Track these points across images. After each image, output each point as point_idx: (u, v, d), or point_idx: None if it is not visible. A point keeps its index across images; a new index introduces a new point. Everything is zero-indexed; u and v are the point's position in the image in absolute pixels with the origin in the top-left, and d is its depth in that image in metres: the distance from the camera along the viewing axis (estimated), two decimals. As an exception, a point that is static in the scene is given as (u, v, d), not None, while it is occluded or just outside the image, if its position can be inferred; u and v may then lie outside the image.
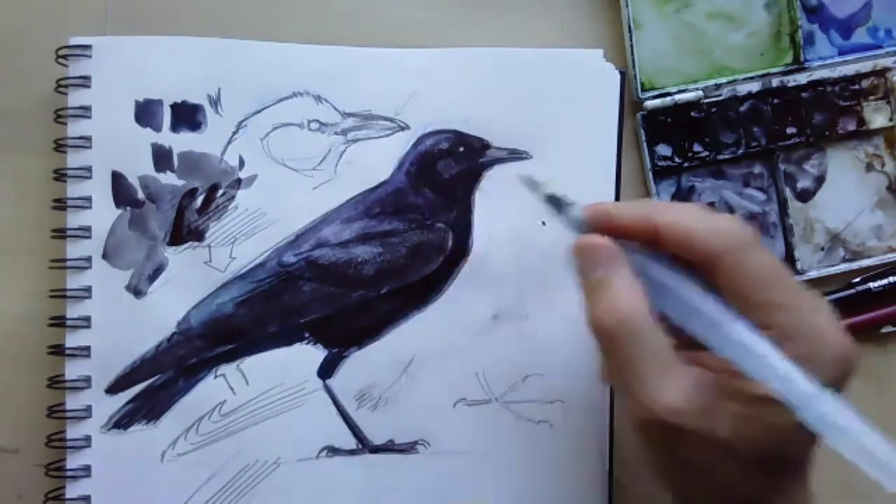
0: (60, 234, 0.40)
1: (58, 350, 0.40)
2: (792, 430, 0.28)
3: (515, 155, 0.42)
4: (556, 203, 0.33)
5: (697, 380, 0.30)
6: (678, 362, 0.30)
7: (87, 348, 0.40)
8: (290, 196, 0.41)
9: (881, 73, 0.44)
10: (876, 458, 0.27)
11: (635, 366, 0.30)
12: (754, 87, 0.43)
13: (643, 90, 0.43)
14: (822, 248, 0.44)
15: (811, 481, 0.32)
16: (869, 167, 0.45)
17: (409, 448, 0.41)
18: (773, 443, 0.30)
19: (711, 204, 0.44)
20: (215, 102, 0.41)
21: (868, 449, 0.28)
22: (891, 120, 0.44)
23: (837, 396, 0.28)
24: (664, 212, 0.32)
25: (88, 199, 0.41)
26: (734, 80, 0.43)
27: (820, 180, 0.44)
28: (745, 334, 0.29)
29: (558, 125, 0.42)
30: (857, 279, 0.44)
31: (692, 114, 0.43)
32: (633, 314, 0.30)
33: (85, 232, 0.40)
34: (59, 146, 0.41)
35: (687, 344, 0.31)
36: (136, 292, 0.41)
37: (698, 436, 0.29)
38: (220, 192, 0.41)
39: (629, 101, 0.43)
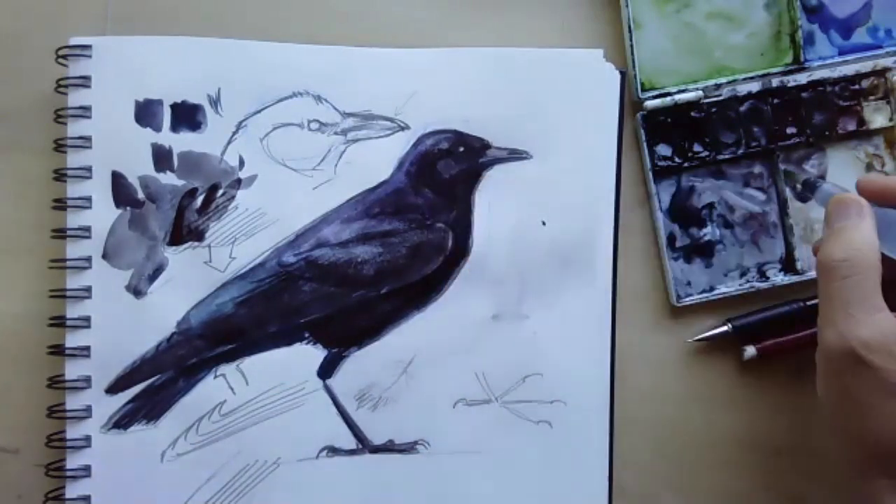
0: (60, 234, 0.40)
1: (58, 350, 0.40)
2: None
3: (515, 155, 0.42)
4: (810, 185, 0.40)
5: (894, 326, 0.33)
6: (883, 307, 0.33)
7: (87, 348, 0.40)
8: (290, 196, 0.41)
9: (881, 73, 0.44)
10: None
11: (847, 298, 0.34)
12: (754, 87, 0.43)
13: (643, 90, 0.43)
14: (822, 248, 0.44)
15: None
16: (869, 167, 0.44)
17: (409, 448, 0.41)
18: None
19: (710, 204, 0.44)
20: (215, 102, 0.41)
21: None
22: (891, 120, 0.44)
23: None
24: None
25: (88, 199, 0.41)
26: (734, 80, 0.43)
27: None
28: None
29: (558, 125, 0.42)
30: (857, 279, 0.44)
31: (692, 114, 0.43)
32: (862, 254, 0.34)
33: (85, 232, 0.40)
34: (59, 146, 0.41)
35: (892, 303, 0.34)
36: (136, 292, 0.41)
37: (878, 375, 0.32)
38: (220, 192, 0.41)
39: (629, 101, 0.43)
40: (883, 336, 0.33)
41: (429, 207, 0.42)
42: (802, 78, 0.43)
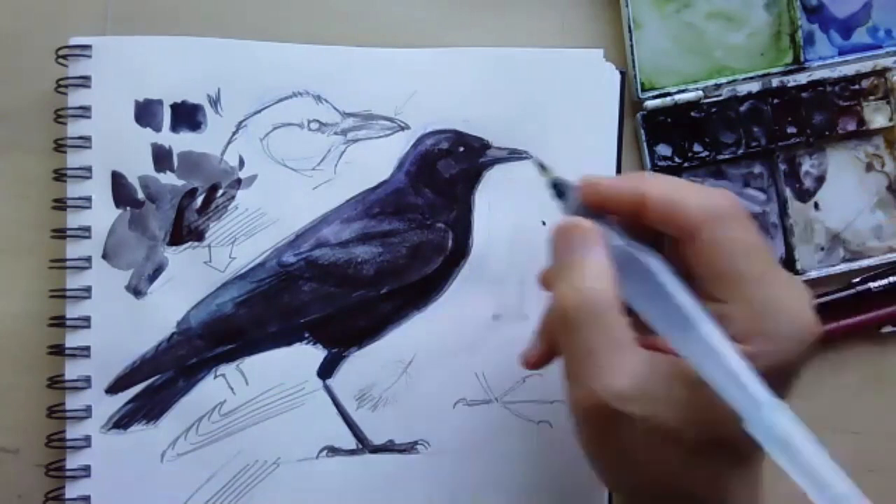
0: (60, 234, 0.40)
1: (58, 350, 0.40)
2: (739, 420, 0.27)
3: (515, 155, 0.42)
4: (560, 188, 0.34)
5: (649, 365, 0.29)
6: (633, 347, 0.29)
7: (87, 348, 0.40)
8: (290, 196, 0.41)
9: (881, 73, 0.44)
10: (818, 479, 0.26)
11: (590, 350, 0.29)
12: (754, 87, 0.43)
13: (643, 90, 0.43)
14: (822, 248, 0.44)
15: (760, 481, 0.31)
16: (869, 167, 0.45)
17: (409, 448, 0.41)
18: (719, 431, 0.29)
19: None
20: (215, 102, 0.41)
21: (810, 467, 0.26)
22: (891, 120, 0.44)
23: (784, 408, 0.27)
24: (653, 182, 0.32)
25: (88, 199, 0.41)
26: (734, 80, 0.43)
27: (820, 180, 0.44)
28: (705, 330, 0.28)
29: (558, 125, 0.42)
30: (857, 279, 0.44)
31: (692, 114, 0.43)
32: (597, 297, 0.29)
33: (85, 232, 0.40)
34: (59, 146, 0.41)
35: (645, 326, 0.30)
36: (136, 292, 0.41)
37: (645, 423, 0.28)
38: (220, 192, 0.41)
39: (629, 101, 0.43)
40: (637, 380, 0.28)
41: (429, 207, 0.42)
42: (802, 78, 0.43)
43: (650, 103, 0.43)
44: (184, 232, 0.41)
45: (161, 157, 0.41)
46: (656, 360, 0.29)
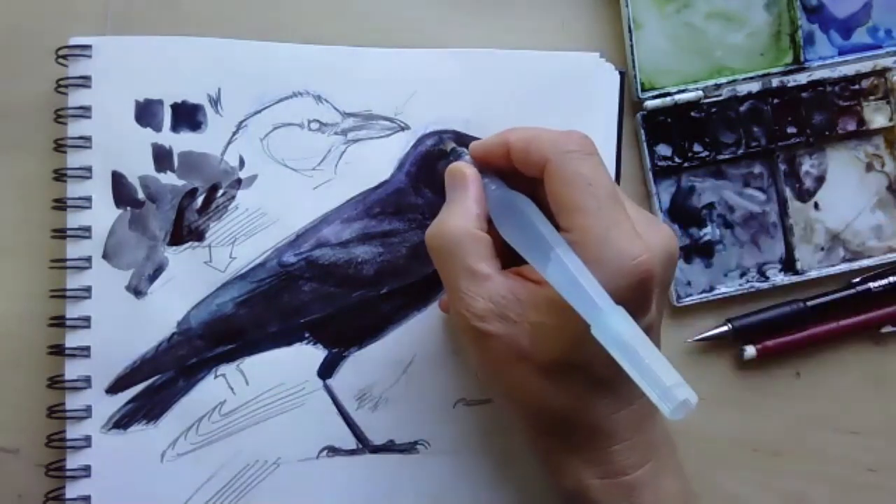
0: (60, 234, 0.40)
1: (58, 350, 0.40)
2: (588, 340, 0.29)
3: (515, 155, 0.42)
4: (456, 152, 0.38)
5: (508, 291, 0.32)
6: (490, 272, 0.33)
7: (87, 348, 0.40)
8: (290, 196, 0.41)
9: (881, 73, 0.44)
10: (651, 375, 0.28)
11: (455, 274, 0.33)
12: (754, 87, 0.43)
13: (643, 90, 0.43)
14: (822, 248, 0.44)
15: (647, 414, 0.34)
16: (869, 167, 0.45)
17: (409, 448, 0.41)
18: (568, 353, 0.31)
19: (710, 204, 0.44)
20: (215, 102, 0.41)
21: (643, 364, 0.28)
22: (891, 120, 0.44)
23: (622, 312, 0.29)
24: (516, 130, 0.35)
25: (88, 199, 0.41)
26: (734, 80, 0.43)
27: (820, 180, 0.44)
28: (558, 251, 0.30)
29: (558, 125, 0.42)
30: (857, 279, 0.44)
31: (692, 114, 0.43)
32: (454, 232, 0.33)
33: (85, 232, 0.40)
34: (59, 146, 0.41)
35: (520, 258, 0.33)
36: (136, 292, 0.41)
37: (503, 342, 0.32)
38: (221, 192, 0.41)
39: (629, 101, 0.43)
40: (493, 303, 0.32)
41: (429, 207, 0.42)
42: (802, 78, 0.43)
43: (650, 103, 0.43)
44: (184, 232, 0.41)
45: (161, 157, 0.41)
46: (516, 287, 0.32)
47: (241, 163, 0.41)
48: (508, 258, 0.34)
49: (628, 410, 0.33)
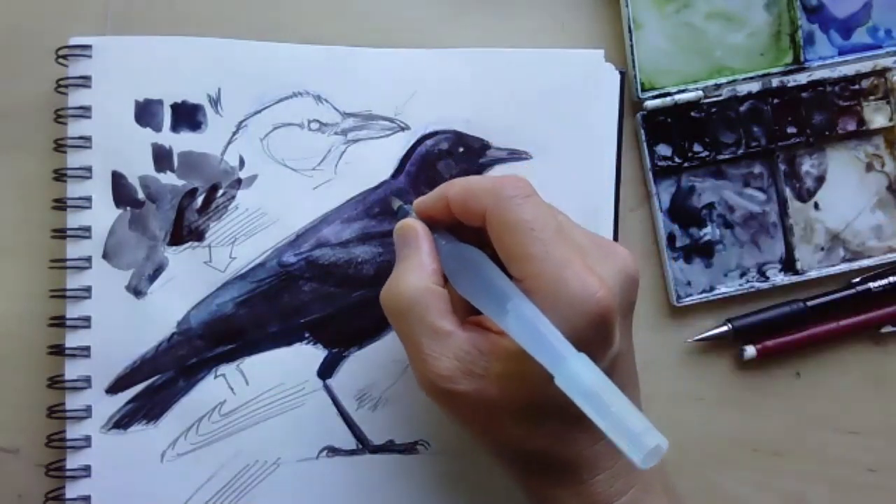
0: (60, 234, 0.40)
1: (58, 350, 0.40)
2: (550, 384, 0.28)
3: (515, 155, 0.42)
4: (403, 211, 0.37)
5: (470, 345, 0.31)
6: (453, 332, 0.32)
7: (87, 348, 0.40)
8: (290, 196, 0.41)
9: (881, 73, 0.44)
10: (618, 423, 0.27)
11: (415, 336, 0.32)
12: (754, 87, 0.43)
13: (643, 90, 0.43)
14: (822, 248, 0.44)
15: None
16: (869, 167, 0.45)
17: (409, 448, 0.41)
18: (535, 397, 0.31)
19: (710, 204, 0.44)
20: (215, 102, 0.41)
21: (616, 417, 0.27)
22: (891, 120, 0.44)
23: (585, 359, 0.28)
24: (453, 182, 0.34)
25: (88, 199, 0.41)
26: (734, 80, 0.43)
27: (820, 180, 0.44)
28: (515, 302, 0.30)
29: (558, 125, 0.42)
30: (857, 279, 0.44)
31: (692, 114, 0.43)
32: (413, 289, 0.32)
33: (85, 232, 0.40)
34: (59, 146, 0.41)
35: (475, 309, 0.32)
36: (136, 292, 0.41)
37: (473, 398, 0.31)
38: (221, 192, 0.41)
39: (629, 101, 0.43)
40: (458, 360, 0.31)
41: (429, 207, 0.42)
42: (802, 78, 0.43)
43: (650, 103, 0.43)
44: (184, 232, 0.41)
45: (161, 157, 0.41)
46: (478, 340, 0.32)
47: (241, 163, 0.41)
48: (467, 308, 0.33)
49: (607, 440, 0.33)
